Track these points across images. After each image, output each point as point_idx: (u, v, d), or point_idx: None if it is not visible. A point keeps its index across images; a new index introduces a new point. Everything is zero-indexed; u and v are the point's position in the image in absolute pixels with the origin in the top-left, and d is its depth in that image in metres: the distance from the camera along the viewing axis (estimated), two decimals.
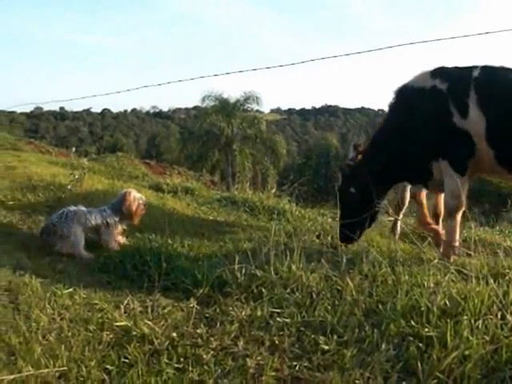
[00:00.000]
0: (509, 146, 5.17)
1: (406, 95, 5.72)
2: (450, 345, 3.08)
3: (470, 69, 5.36)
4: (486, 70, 5.32)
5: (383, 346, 3.18)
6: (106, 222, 5.82)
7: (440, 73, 5.52)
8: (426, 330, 3.26)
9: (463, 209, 5.57)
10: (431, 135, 5.45)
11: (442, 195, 6.06)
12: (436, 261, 4.67)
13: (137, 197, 6.00)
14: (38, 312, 3.74)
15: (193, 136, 38.78)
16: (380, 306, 3.65)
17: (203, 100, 37.70)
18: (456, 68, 5.54)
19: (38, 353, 3.18)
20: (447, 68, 5.58)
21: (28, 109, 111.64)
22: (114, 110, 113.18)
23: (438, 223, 6.31)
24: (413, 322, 3.36)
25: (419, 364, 2.96)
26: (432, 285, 3.89)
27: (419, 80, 5.63)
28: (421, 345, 3.15)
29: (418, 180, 6.03)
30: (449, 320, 3.29)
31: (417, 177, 5.95)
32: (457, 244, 5.63)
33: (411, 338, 3.23)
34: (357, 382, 2.88)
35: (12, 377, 2.96)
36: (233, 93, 40.18)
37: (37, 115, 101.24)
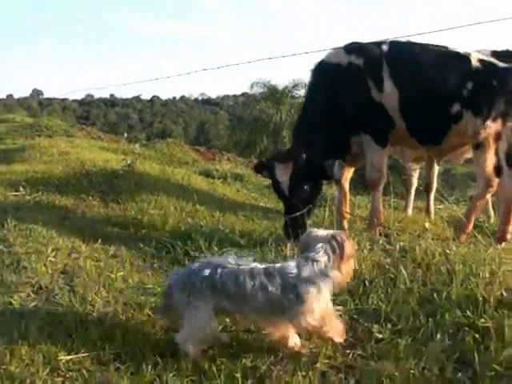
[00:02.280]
0: (418, 117, 5.35)
1: (323, 72, 5.73)
2: (508, 336, 3.01)
3: (379, 44, 5.49)
4: (393, 44, 5.47)
5: (438, 335, 3.13)
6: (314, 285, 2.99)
7: (354, 49, 5.59)
8: (483, 320, 3.17)
9: (384, 181, 5.74)
10: (351, 111, 5.48)
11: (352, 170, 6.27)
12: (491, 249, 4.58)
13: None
14: (93, 295, 3.82)
15: (241, 123, 38.68)
16: (434, 295, 3.56)
17: (251, 87, 37.67)
18: (367, 43, 5.63)
19: (93, 335, 3.25)
20: (359, 43, 5.66)
21: (79, 96, 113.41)
22: (163, 96, 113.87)
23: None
24: (468, 312, 3.27)
25: (476, 355, 2.89)
26: (487, 274, 3.79)
27: (334, 56, 5.65)
28: (477, 336, 3.08)
29: (335, 155, 5.75)
30: (506, 311, 3.22)
31: (335, 151, 5.73)
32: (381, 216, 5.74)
33: (467, 329, 3.16)
34: (411, 371, 2.83)
35: (69, 357, 3.03)
36: (281, 79, 40.02)
37: (88, 102, 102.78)
